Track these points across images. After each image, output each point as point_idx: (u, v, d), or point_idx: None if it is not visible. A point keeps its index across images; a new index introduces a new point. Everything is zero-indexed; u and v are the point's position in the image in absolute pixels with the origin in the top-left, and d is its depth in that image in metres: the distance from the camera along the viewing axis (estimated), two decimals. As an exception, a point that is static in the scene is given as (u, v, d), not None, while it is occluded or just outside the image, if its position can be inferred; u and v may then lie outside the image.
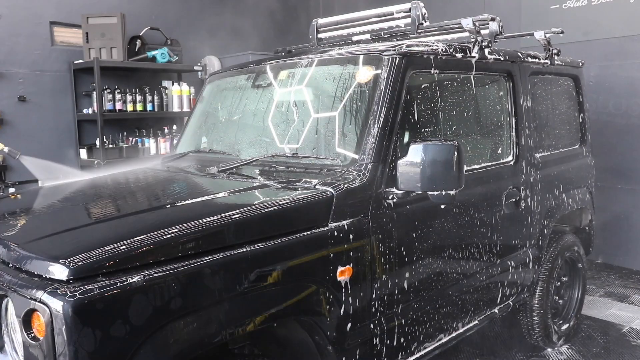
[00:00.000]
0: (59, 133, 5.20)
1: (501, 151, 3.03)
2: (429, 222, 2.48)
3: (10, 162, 4.86)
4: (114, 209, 2.32)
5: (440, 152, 2.14)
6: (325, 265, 2.05)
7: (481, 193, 2.78)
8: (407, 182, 2.21)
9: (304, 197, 2.08)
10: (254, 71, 2.96)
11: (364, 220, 2.20)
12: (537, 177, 3.21)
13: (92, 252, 1.62)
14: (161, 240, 1.72)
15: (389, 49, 2.43)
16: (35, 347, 1.56)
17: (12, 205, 2.53)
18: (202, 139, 3.10)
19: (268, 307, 1.90)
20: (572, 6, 5.31)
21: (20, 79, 4.92)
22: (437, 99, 2.64)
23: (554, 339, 3.59)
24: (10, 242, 1.84)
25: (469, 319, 2.83)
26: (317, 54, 2.74)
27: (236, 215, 1.91)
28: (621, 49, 5.05)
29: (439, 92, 2.65)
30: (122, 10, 5.20)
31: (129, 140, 5.46)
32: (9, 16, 4.81)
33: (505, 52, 3.03)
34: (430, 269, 2.53)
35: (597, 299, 4.52)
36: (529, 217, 3.17)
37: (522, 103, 3.11)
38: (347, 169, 2.27)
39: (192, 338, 1.70)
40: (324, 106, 2.51)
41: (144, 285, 1.59)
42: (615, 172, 5.17)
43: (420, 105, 2.54)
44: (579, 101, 3.79)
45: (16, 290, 1.62)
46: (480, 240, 2.82)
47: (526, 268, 3.20)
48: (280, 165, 2.48)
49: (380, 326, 2.31)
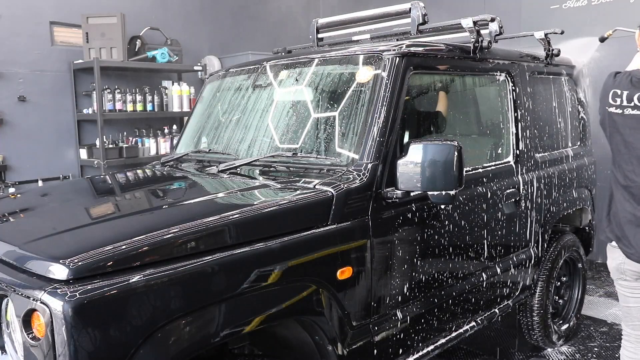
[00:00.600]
0: (59, 133, 5.19)
1: (501, 151, 3.03)
2: (429, 222, 2.48)
3: (10, 162, 4.86)
4: (113, 209, 2.32)
5: (440, 152, 2.14)
6: (326, 265, 2.05)
7: (481, 193, 2.78)
8: (407, 182, 2.21)
9: (304, 197, 2.08)
10: (254, 71, 2.96)
11: (364, 220, 2.20)
12: (537, 177, 3.21)
13: (92, 252, 1.62)
14: (161, 240, 1.72)
15: (389, 49, 2.43)
16: (35, 347, 1.56)
17: (12, 205, 2.53)
18: (202, 139, 3.10)
19: (268, 307, 1.90)
20: (572, 6, 5.31)
21: (20, 79, 4.91)
22: (437, 99, 2.65)
23: (554, 339, 3.59)
24: (10, 242, 1.84)
25: (469, 319, 2.83)
26: (317, 54, 2.74)
27: (236, 215, 1.91)
28: (621, 49, 5.05)
29: (439, 92, 2.65)
30: (122, 10, 5.20)
31: (129, 140, 5.46)
32: (9, 16, 4.81)
33: (505, 52, 3.02)
34: (430, 269, 2.53)
35: (597, 299, 4.52)
36: (529, 217, 3.16)
37: (522, 103, 3.11)
38: (347, 169, 2.27)
39: (192, 338, 1.70)
40: (324, 106, 2.52)
41: (144, 285, 1.59)
42: (615, 172, 5.16)
43: (420, 105, 2.54)
44: (579, 101, 3.79)
45: (16, 290, 1.62)
46: (481, 240, 2.82)
47: (526, 268, 3.20)
48: (280, 165, 2.48)
49: (380, 326, 2.31)
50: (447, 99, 2.71)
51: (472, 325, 2.84)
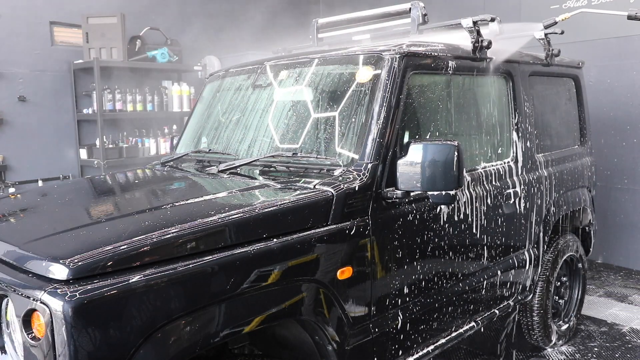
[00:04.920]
0: (59, 133, 5.20)
1: (501, 151, 3.03)
2: (428, 222, 2.48)
3: (10, 162, 4.86)
4: (113, 209, 2.32)
5: (440, 152, 2.14)
6: (326, 266, 2.05)
7: (481, 193, 2.78)
8: (407, 182, 2.21)
9: (303, 197, 2.08)
10: (254, 71, 2.96)
11: (364, 220, 2.20)
12: (537, 177, 3.21)
13: (92, 252, 1.62)
14: (161, 240, 1.72)
15: (389, 49, 2.42)
16: (35, 347, 1.56)
17: (12, 205, 2.53)
18: (202, 139, 3.10)
19: (268, 307, 1.90)
20: (572, 6, 5.31)
21: (20, 79, 4.92)
22: (437, 98, 2.64)
23: (554, 339, 3.59)
24: (10, 242, 1.84)
25: (469, 319, 2.83)
26: (317, 53, 2.74)
27: (236, 215, 1.91)
28: (621, 49, 5.05)
29: (439, 92, 2.65)
30: (122, 10, 5.20)
31: (129, 140, 5.46)
32: (9, 16, 4.81)
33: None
34: (430, 269, 2.53)
35: (597, 299, 4.52)
36: (529, 217, 3.17)
37: (522, 103, 3.11)
38: (347, 169, 2.27)
39: (192, 338, 1.70)
40: (324, 106, 2.51)
41: (144, 285, 1.59)
42: (615, 172, 5.17)
43: (420, 105, 2.54)
44: (579, 101, 3.79)
45: (16, 290, 1.62)
46: (481, 241, 2.82)
47: (526, 268, 3.20)
48: (280, 165, 2.48)
49: (380, 326, 2.31)
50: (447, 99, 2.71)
51: (472, 326, 2.84)
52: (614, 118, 5.13)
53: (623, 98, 5.07)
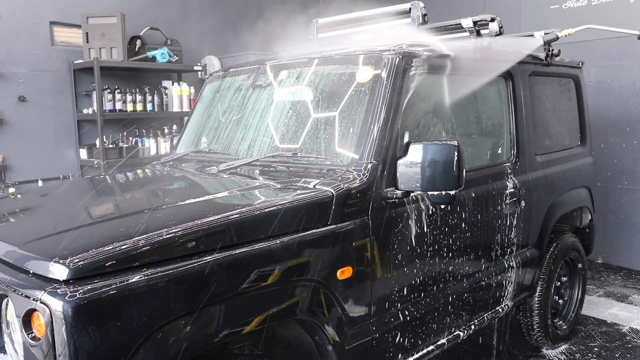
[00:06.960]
0: (59, 133, 5.19)
1: (501, 151, 3.03)
2: (428, 223, 2.48)
3: (10, 162, 4.86)
4: (113, 209, 2.32)
5: (440, 152, 2.14)
6: (325, 265, 2.05)
7: (481, 193, 2.78)
8: (407, 182, 2.21)
9: (304, 197, 2.08)
10: (254, 71, 2.96)
11: (364, 220, 2.20)
12: (537, 177, 3.21)
13: (91, 252, 1.62)
14: (161, 240, 1.71)
15: (389, 49, 2.42)
16: (35, 347, 1.56)
17: (12, 205, 2.53)
18: (202, 139, 3.10)
19: (268, 307, 1.90)
20: (572, 6, 5.32)
21: (20, 79, 4.91)
22: (437, 99, 2.64)
23: (554, 339, 3.58)
24: (10, 242, 1.84)
25: (469, 319, 2.83)
26: (317, 53, 2.74)
27: (236, 215, 1.90)
28: (621, 49, 5.05)
29: (439, 92, 2.65)
30: (122, 10, 5.20)
31: (129, 140, 5.46)
32: (9, 16, 4.81)
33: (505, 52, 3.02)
34: (430, 269, 2.53)
35: (597, 299, 4.52)
36: (529, 217, 3.16)
37: (522, 103, 3.11)
38: (347, 169, 2.26)
39: (192, 338, 1.70)
40: (324, 106, 2.51)
41: (144, 285, 1.59)
42: (615, 172, 5.17)
43: (420, 105, 2.53)
44: (578, 101, 3.79)
45: (16, 290, 1.62)
46: (481, 241, 2.82)
47: (526, 268, 3.20)
48: (280, 165, 2.48)
49: (380, 326, 2.31)
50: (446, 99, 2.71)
51: (472, 326, 2.84)
52: (614, 118, 5.13)
53: (623, 98, 5.07)
